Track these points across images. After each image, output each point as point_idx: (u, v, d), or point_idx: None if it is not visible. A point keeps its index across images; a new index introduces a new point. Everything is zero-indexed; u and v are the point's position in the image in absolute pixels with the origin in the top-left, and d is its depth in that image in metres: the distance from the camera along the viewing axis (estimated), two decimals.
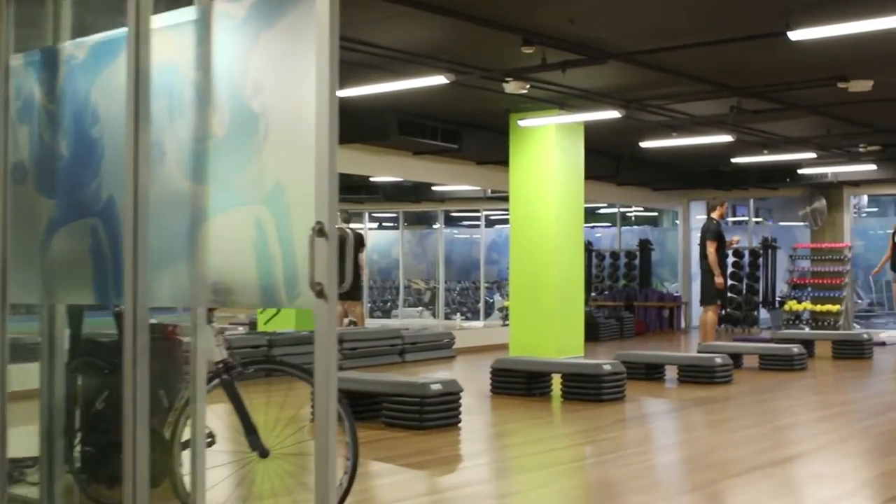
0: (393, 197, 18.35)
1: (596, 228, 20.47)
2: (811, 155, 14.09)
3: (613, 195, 17.24)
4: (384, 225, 21.79)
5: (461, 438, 6.52)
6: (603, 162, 14.48)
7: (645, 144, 12.87)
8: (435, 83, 8.81)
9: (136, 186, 2.86)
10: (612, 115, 10.46)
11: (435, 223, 19.97)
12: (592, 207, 18.49)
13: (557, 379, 8.24)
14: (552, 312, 11.52)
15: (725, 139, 12.43)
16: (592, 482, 5.37)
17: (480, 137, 12.59)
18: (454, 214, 20.52)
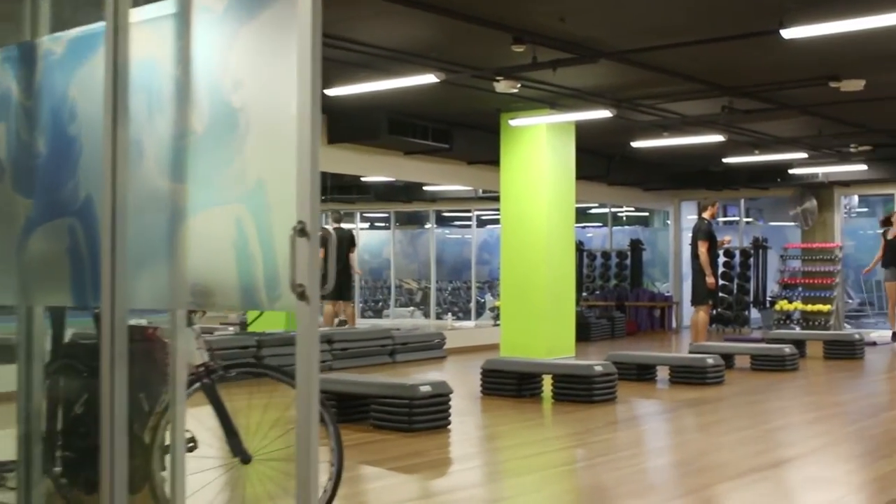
0: (384, 197, 18.30)
1: (587, 228, 20.45)
2: (802, 155, 14.08)
3: (604, 195, 17.22)
4: (376, 225, 21.74)
5: (451, 441, 6.45)
6: (594, 162, 14.44)
7: (636, 144, 12.83)
8: (425, 82, 8.75)
9: (113, 185, 2.78)
10: (603, 114, 10.41)
11: (426, 223, 19.93)
12: (584, 207, 18.48)
13: (548, 380, 8.18)
14: (543, 313, 11.47)
15: (717, 139, 12.41)
16: (584, 486, 5.31)
17: (471, 137, 12.54)
18: (445, 214, 20.49)
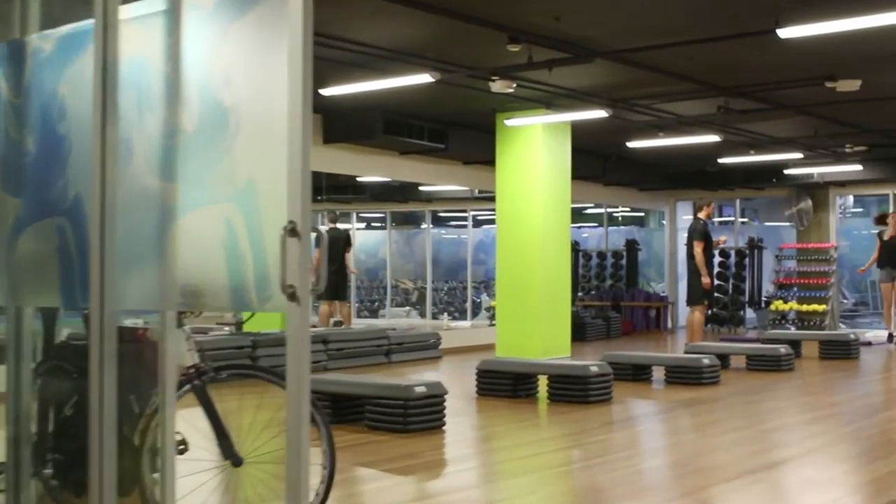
0: (380, 197, 18.26)
1: (583, 228, 20.43)
2: (798, 155, 14.06)
3: (600, 195, 17.20)
4: (372, 225, 21.72)
5: (446, 442, 6.41)
6: (590, 162, 14.41)
7: (632, 144, 12.81)
8: (420, 82, 8.71)
9: (102, 184, 2.74)
10: (598, 114, 10.38)
11: (422, 223, 19.90)
12: (579, 207, 18.43)
13: (544, 380, 8.16)
14: (539, 313, 11.44)
15: (712, 139, 12.39)
16: (580, 488, 5.28)
17: (467, 137, 12.50)
18: (441, 214, 20.46)
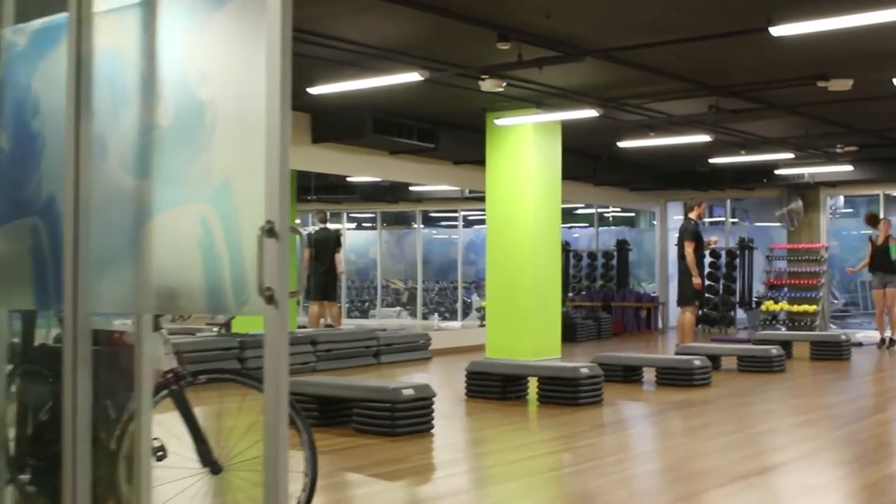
0: (370, 197, 18.18)
1: (573, 229, 20.39)
2: (788, 155, 14.03)
3: (591, 195, 17.14)
4: (362, 225, 21.63)
5: (434, 446, 6.32)
6: (580, 162, 14.35)
7: (622, 144, 12.76)
8: (409, 80, 8.63)
9: (76, 181, 2.66)
10: (589, 113, 10.32)
11: (413, 223, 19.83)
12: (570, 208, 18.39)
13: (534, 382, 8.08)
14: (529, 313, 11.37)
15: (703, 139, 12.34)
16: (570, 493, 5.19)
17: (457, 137, 12.42)
18: (432, 215, 20.39)
